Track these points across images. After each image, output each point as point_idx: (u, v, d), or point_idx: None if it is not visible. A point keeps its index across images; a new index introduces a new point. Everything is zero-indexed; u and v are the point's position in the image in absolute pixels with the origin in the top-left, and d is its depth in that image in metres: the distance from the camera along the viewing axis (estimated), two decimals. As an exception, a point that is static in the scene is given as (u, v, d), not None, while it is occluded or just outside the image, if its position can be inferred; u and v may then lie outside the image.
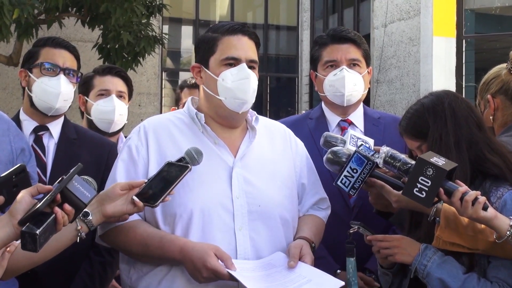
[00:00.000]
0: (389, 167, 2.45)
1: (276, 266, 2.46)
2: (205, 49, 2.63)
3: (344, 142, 2.72)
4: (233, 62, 2.59)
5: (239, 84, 2.57)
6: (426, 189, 2.26)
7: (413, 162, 2.37)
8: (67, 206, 1.95)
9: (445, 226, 2.35)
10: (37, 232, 1.85)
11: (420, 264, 2.43)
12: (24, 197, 1.94)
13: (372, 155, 2.56)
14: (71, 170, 2.00)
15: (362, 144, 2.65)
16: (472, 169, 2.46)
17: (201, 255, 2.35)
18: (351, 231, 2.63)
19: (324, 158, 2.64)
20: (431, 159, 2.27)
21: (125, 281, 2.63)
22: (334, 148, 2.63)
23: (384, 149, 2.47)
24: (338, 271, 2.97)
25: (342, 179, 2.56)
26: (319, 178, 2.84)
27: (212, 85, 2.60)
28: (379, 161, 2.48)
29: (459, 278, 2.38)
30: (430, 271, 2.41)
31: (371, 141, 2.77)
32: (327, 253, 2.99)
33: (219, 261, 2.35)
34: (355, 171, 2.55)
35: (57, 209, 1.93)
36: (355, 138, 2.74)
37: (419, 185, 2.27)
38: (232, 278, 2.33)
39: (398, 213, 2.71)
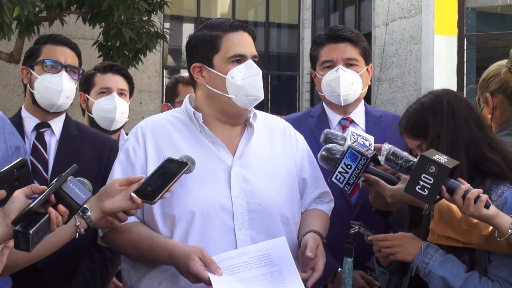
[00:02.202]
0: (391, 164, 2.45)
1: (271, 264, 2.42)
2: (206, 48, 2.59)
3: (345, 139, 2.71)
4: (239, 59, 2.57)
5: (251, 81, 2.56)
6: (429, 186, 2.26)
7: (415, 159, 2.36)
8: (61, 207, 1.94)
9: (439, 219, 2.35)
10: (30, 231, 1.84)
11: (422, 262, 2.43)
12: (18, 197, 1.93)
13: (366, 150, 2.55)
14: (66, 171, 1.99)
15: (356, 140, 2.64)
16: (471, 168, 2.45)
17: (184, 260, 2.32)
18: (352, 232, 2.63)
19: (318, 155, 2.63)
20: (433, 157, 2.27)
21: (126, 282, 2.62)
22: (328, 145, 2.63)
23: (386, 146, 2.47)
24: (339, 269, 2.97)
25: (337, 175, 2.55)
26: (321, 172, 2.82)
27: (219, 83, 2.57)
28: (381, 158, 2.48)
29: (461, 276, 2.37)
30: (432, 269, 2.41)
31: (371, 138, 2.77)
32: (328, 251, 2.98)
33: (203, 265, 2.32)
34: (349, 167, 2.54)
35: (51, 209, 1.92)
36: (355, 135, 2.73)
37: (421, 183, 2.27)
38: None
39: (397, 213, 2.71)
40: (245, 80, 2.55)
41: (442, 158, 2.28)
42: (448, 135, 2.46)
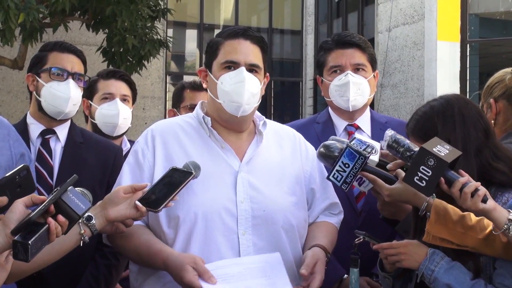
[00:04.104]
0: (392, 151, 2.44)
1: (265, 277, 2.42)
2: (209, 53, 2.66)
3: (354, 140, 2.70)
4: (232, 65, 2.59)
5: (235, 87, 2.57)
6: (427, 178, 2.25)
7: (417, 149, 2.35)
8: (60, 217, 1.94)
9: (435, 221, 2.34)
10: (29, 242, 1.84)
11: (427, 269, 2.42)
12: (17, 207, 1.93)
13: (364, 149, 2.54)
14: (66, 182, 1.99)
15: (354, 138, 2.62)
16: (478, 176, 2.44)
17: (178, 270, 2.34)
18: (357, 242, 2.62)
19: (317, 152, 2.62)
20: (434, 149, 2.26)
21: (133, 283, 2.64)
22: (327, 142, 2.61)
23: (389, 133, 2.45)
24: (345, 276, 2.96)
25: (334, 173, 2.54)
26: (330, 183, 2.80)
27: (214, 88, 2.62)
28: (383, 143, 2.46)
29: (466, 284, 2.36)
30: (437, 277, 2.40)
31: (378, 145, 2.75)
32: (334, 258, 2.98)
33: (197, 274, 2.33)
34: (347, 165, 2.52)
35: (50, 219, 1.92)
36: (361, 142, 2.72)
37: (419, 174, 2.26)
38: None
39: (403, 222, 2.70)
40: (232, 86, 2.57)
41: (443, 150, 2.27)
42: (459, 142, 2.45)
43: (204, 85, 2.70)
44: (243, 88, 2.57)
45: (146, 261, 2.48)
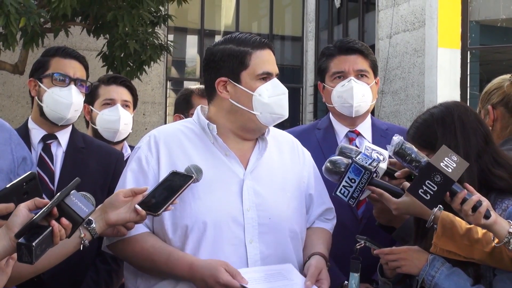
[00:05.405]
0: (399, 159, 2.44)
1: (287, 279, 2.46)
2: (234, 63, 2.57)
3: (359, 154, 2.70)
4: (266, 76, 2.58)
5: (277, 99, 2.58)
6: (432, 193, 2.26)
7: (424, 159, 2.35)
8: (64, 220, 1.95)
9: (442, 234, 2.35)
10: (33, 243, 1.85)
11: (428, 275, 2.43)
12: (21, 211, 1.94)
13: (370, 163, 2.54)
14: (69, 185, 2.00)
15: (360, 152, 2.62)
16: (478, 182, 2.45)
17: (212, 272, 2.35)
18: (358, 246, 2.62)
19: (323, 167, 2.61)
20: (441, 163, 2.26)
21: None
22: (333, 157, 2.61)
23: (397, 139, 2.45)
24: (346, 282, 2.95)
25: (341, 189, 2.54)
26: (325, 188, 2.83)
27: (246, 99, 2.57)
28: (390, 148, 2.46)
29: (467, 289, 2.37)
30: (437, 282, 2.40)
31: (386, 153, 2.74)
32: (334, 264, 2.98)
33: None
34: (353, 181, 2.52)
35: (53, 222, 1.93)
36: (370, 150, 2.72)
37: (424, 187, 2.27)
38: None
39: (400, 229, 2.70)
40: (272, 98, 2.57)
41: (450, 164, 2.27)
42: (460, 149, 2.45)
43: (223, 96, 2.59)
44: (285, 100, 2.61)
45: (162, 268, 2.46)
